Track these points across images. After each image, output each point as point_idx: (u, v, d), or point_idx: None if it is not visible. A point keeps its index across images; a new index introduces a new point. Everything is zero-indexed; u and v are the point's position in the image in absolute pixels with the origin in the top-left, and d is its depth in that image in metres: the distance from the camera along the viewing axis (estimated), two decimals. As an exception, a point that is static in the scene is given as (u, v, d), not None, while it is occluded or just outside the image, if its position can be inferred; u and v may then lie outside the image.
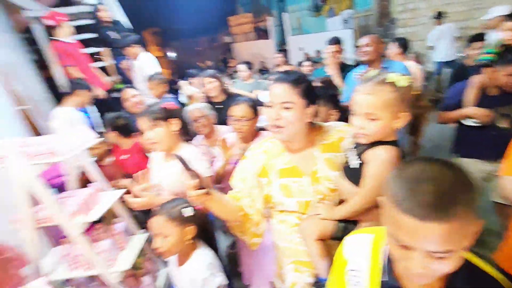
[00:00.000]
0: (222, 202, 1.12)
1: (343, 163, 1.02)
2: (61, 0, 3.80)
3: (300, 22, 9.15)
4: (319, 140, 1.10)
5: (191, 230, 1.16)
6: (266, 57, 8.72)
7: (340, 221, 0.99)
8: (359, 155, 0.94)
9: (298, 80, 1.01)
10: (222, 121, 2.18)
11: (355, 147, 0.97)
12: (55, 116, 2.36)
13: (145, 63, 2.92)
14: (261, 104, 1.80)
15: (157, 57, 3.32)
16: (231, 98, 2.52)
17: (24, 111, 2.88)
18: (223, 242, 2.24)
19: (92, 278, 1.82)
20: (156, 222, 1.12)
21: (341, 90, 2.41)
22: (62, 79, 3.75)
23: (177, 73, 8.83)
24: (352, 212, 0.95)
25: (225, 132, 2.04)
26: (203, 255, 1.18)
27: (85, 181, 1.88)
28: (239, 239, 1.98)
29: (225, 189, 1.38)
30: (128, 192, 2.00)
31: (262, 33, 9.61)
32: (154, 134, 1.39)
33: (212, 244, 1.31)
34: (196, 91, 3.08)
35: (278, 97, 1.01)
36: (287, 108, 1.00)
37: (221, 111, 2.31)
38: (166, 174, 1.49)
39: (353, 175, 0.95)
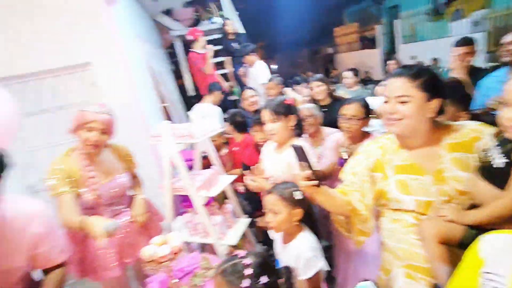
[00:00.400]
0: (329, 194, 1.17)
1: (481, 163, 0.91)
2: (195, 20, 4.66)
3: (414, 29, 8.29)
4: (446, 138, 1.01)
5: (298, 212, 1.25)
6: (370, 66, 8.27)
7: (471, 227, 0.89)
8: (507, 153, 0.83)
9: (418, 73, 0.96)
10: (326, 123, 2.23)
11: (499, 145, 0.86)
12: (195, 110, 2.92)
13: (260, 70, 3.28)
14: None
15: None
16: (336, 102, 2.55)
17: (165, 107, 3.66)
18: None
19: (203, 246, 2.15)
20: (270, 199, 1.26)
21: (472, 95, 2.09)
22: (190, 86, 4.59)
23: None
24: (494, 217, 0.84)
25: (330, 133, 2.08)
26: (308, 238, 1.25)
27: (205, 166, 2.25)
28: (336, 241, 1.98)
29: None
30: (238, 180, 2.30)
31: (367, 43, 9.17)
32: (275, 126, 1.55)
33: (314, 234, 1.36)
34: (299, 96, 3.23)
35: (394, 91, 0.98)
36: (403, 102, 0.97)
37: (326, 114, 2.37)
38: (278, 164, 1.63)
39: (497, 175, 0.84)
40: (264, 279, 0.86)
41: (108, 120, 1.55)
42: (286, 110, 1.56)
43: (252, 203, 2.32)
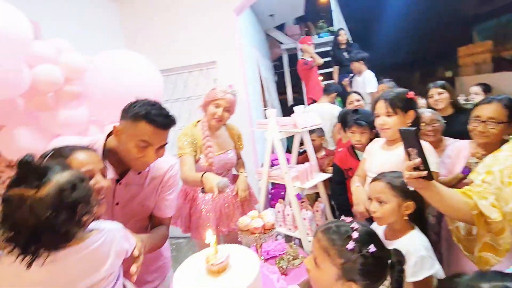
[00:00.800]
0: (444, 192, 0.96)
1: None
2: (304, 35, 4.90)
3: None
4: None
5: (410, 205, 1.10)
6: (504, 91, 6.75)
7: None
8: None
9: None
10: (447, 135, 1.93)
11: None
12: (311, 109, 2.98)
13: (368, 79, 3.15)
14: None
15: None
16: (460, 113, 2.18)
17: (265, 111, 3.93)
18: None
19: (289, 240, 2.13)
20: (376, 187, 1.16)
21: None
22: (290, 97, 4.79)
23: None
24: None
25: (452, 143, 1.79)
26: (420, 237, 1.09)
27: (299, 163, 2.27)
28: (446, 254, 1.63)
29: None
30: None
31: (504, 64, 7.57)
32: (389, 120, 1.40)
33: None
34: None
35: None
36: None
37: (446, 126, 2.05)
38: (387, 163, 1.49)
39: None
40: (371, 248, 0.79)
41: (232, 101, 1.80)
42: (405, 104, 1.40)
43: (343, 210, 2.19)
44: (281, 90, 5.07)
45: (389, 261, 0.82)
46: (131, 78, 1.66)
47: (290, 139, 3.33)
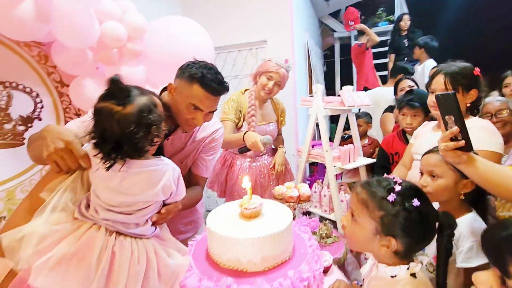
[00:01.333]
0: (490, 170, 0.81)
1: None
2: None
3: None
4: None
5: (468, 184, 0.97)
6: None
7: None
8: None
9: None
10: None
11: None
12: (373, 92, 2.86)
13: (428, 69, 2.87)
14: None
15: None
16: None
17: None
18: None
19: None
20: (430, 159, 1.04)
21: None
22: (338, 88, 4.62)
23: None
24: None
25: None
26: (479, 220, 0.96)
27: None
28: None
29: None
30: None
31: None
32: None
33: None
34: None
35: None
36: None
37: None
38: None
39: None
40: (415, 202, 0.72)
41: (285, 75, 1.80)
42: (469, 81, 1.22)
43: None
44: (328, 86, 4.90)
45: (437, 224, 0.74)
46: (186, 43, 1.74)
47: (332, 130, 3.19)
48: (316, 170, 3.49)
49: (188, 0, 2.94)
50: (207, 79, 1.04)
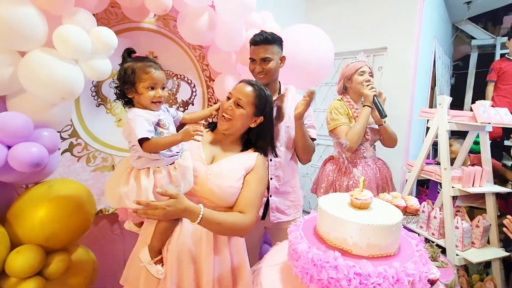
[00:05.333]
0: None
1: None
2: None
3: None
4: None
5: None
6: None
7: None
8: None
9: None
10: None
11: None
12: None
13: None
14: None
15: None
16: None
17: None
18: None
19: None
20: None
21: None
22: (468, 105, 3.94)
23: None
24: None
25: None
26: None
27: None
28: None
29: None
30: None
31: None
32: None
33: None
34: None
35: None
36: None
37: None
38: None
39: None
40: None
41: (369, 65, 1.87)
42: None
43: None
44: (454, 101, 4.23)
45: None
46: (309, 50, 1.92)
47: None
48: (425, 193, 3.12)
49: (312, 6, 3.13)
50: (252, 36, 1.51)
